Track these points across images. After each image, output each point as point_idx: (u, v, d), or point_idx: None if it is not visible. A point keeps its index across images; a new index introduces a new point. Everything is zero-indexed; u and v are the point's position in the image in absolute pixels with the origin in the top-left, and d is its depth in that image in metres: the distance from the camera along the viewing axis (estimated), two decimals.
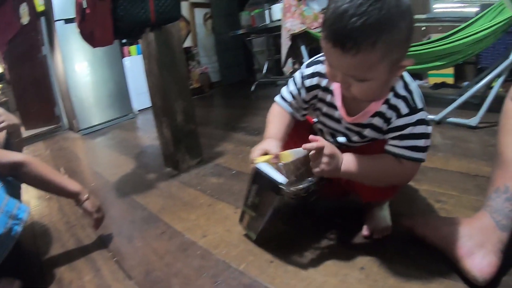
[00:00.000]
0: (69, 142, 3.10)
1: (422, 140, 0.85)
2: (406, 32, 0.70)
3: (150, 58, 1.73)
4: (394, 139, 0.87)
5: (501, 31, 1.97)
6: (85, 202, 1.20)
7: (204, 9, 5.12)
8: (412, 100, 0.84)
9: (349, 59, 0.70)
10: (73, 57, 3.23)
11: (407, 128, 0.84)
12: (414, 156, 0.86)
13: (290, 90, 1.04)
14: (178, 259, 1.09)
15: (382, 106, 0.87)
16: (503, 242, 0.81)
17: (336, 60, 0.74)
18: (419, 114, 0.84)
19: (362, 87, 0.76)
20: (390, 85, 0.84)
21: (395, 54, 0.71)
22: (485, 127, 1.96)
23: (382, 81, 0.76)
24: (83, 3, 1.41)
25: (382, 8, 0.65)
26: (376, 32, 0.66)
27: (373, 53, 0.68)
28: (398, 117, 0.85)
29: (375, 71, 0.72)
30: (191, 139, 1.89)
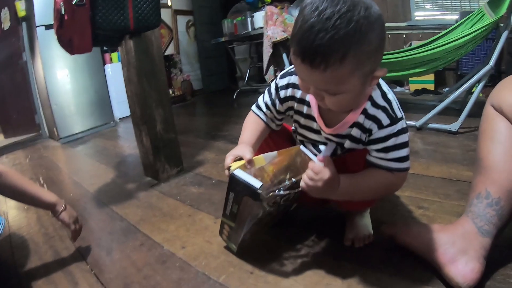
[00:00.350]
0: (49, 151, 3.03)
1: (405, 149, 0.85)
2: (377, 43, 0.68)
3: (129, 66, 1.70)
4: (379, 151, 0.86)
5: (481, 38, 2.01)
6: (62, 213, 1.16)
7: (186, 17, 5.11)
8: (392, 110, 0.83)
9: (318, 75, 0.68)
10: (53, 63, 3.18)
11: (390, 139, 0.83)
12: (402, 167, 0.86)
13: (265, 101, 1.04)
14: (157, 271, 1.07)
15: (360, 116, 0.85)
16: (486, 248, 0.81)
17: (306, 75, 0.73)
18: (400, 124, 0.83)
19: (335, 100, 0.75)
20: (366, 95, 0.82)
21: (367, 66, 0.70)
22: (466, 132, 1.99)
23: (355, 93, 0.74)
24: (61, 9, 1.39)
25: (351, 20, 0.63)
26: (344, 46, 0.64)
27: (342, 68, 0.66)
28: (379, 128, 0.84)
29: (347, 84, 0.71)
30: (171, 148, 1.86)
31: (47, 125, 3.56)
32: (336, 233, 1.08)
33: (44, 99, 3.33)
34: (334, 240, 1.07)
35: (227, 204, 0.99)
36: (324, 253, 1.03)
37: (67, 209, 1.18)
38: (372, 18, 0.65)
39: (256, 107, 1.07)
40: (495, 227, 0.81)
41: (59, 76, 3.26)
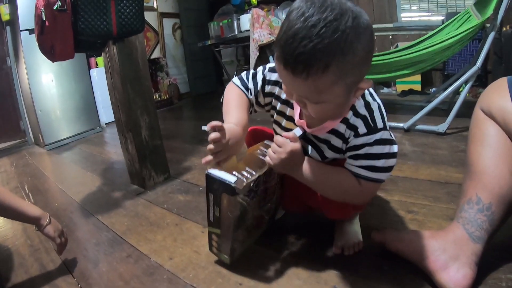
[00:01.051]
0: (35, 158, 2.97)
1: (380, 161, 0.82)
2: (363, 54, 0.66)
3: (113, 72, 1.67)
4: (351, 158, 0.85)
5: (467, 39, 2.02)
6: (47, 227, 1.13)
7: (173, 19, 5.07)
8: (371, 119, 0.82)
9: (300, 82, 0.67)
10: (38, 68, 3.13)
11: (363, 148, 0.82)
12: (370, 176, 0.83)
13: (250, 86, 1.00)
14: (145, 284, 1.04)
15: (341, 125, 0.84)
16: (477, 254, 0.80)
17: (288, 82, 0.71)
18: (378, 134, 0.81)
19: (317, 109, 0.73)
20: (349, 105, 0.80)
21: (351, 77, 0.68)
22: (454, 132, 1.99)
23: (338, 103, 0.73)
24: (42, 15, 1.35)
25: (337, 30, 0.61)
26: (328, 56, 0.62)
27: (324, 77, 0.65)
28: (355, 136, 0.83)
29: (329, 94, 0.69)
30: (157, 155, 1.84)
31: (32, 131, 3.50)
32: (326, 240, 1.07)
33: (29, 105, 3.27)
34: (323, 248, 1.06)
35: (209, 209, 0.97)
36: (313, 262, 1.01)
37: (52, 223, 1.15)
38: (359, 29, 0.64)
39: (240, 83, 1.02)
40: (486, 232, 0.80)
41: (44, 81, 3.20)
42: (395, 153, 0.84)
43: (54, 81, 3.28)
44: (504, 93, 0.85)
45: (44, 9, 1.34)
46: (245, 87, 1.00)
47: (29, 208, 1.12)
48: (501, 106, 0.85)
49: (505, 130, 0.84)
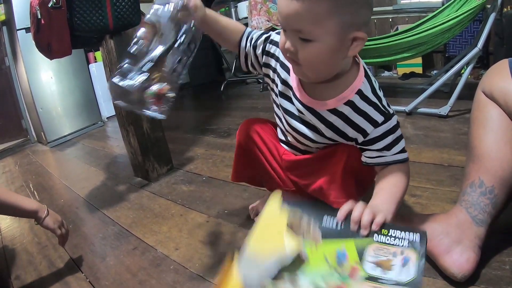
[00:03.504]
0: (38, 156, 2.99)
1: (402, 141, 0.85)
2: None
3: (111, 66, 1.67)
4: (381, 150, 0.84)
5: (468, 20, 1.99)
6: (45, 219, 1.13)
7: None
8: (383, 106, 0.82)
9: (294, 7, 0.67)
10: (37, 67, 3.12)
11: (388, 137, 0.82)
12: (405, 157, 0.86)
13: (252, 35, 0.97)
14: (152, 275, 1.06)
15: (344, 107, 0.82)
16: (480, 237, 0.80)
17: (285, 12, 0.70)
18: (393, 119, 0.83)
19: (308, 51, 0.72)
20: (342, 57, 0.76)
21: (346, 14, 0.67)
22: (456, 115, 1.98)
23: (329, 46, 0.71)
24: (37, 13, 1.35)
25: None
26: None
27: (321, 3, 0.65)
28: (375, 127, 0.82)
29: (322, 28, 0.68)
30: (160, 147, 1.84)
31: (35, 130, 3.51)
32: None
33: (30, 103, 3.28)
34: None
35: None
36: None
37: (50, 214, 1.15)
38: None
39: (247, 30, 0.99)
40: (489, 216, 0.80)
41: (43, 79, 3.20)
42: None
43: (53, 78, 3.27)
44: (505, 75, 0.84)
45: (39, 7, 1.33)
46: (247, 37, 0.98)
47: (25, 202, 1.13)
48: (502, 88, 0.84)
49: (507, 112, 0.84)
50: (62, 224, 1.18)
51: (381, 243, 0.62)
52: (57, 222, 1.16)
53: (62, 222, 1.18)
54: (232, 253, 0.68)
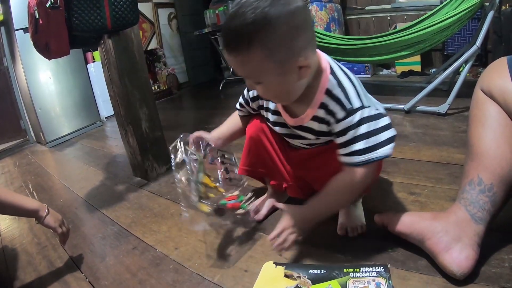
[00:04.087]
0: (37, 156, 2.99)
1: (371, 138, 0.82)
2: (286, 29, 0.72)
3: (109, 66, 1.66)
4: (340, 146, 0.87)
5: (466, 19, 1.99)
6: (46, 218, 1.13)
7: (168, 9, 5.02)
8: (347, 101, 0.83)
9: (235, 60, 0.77)
10: (35, 67, 3.11)
11: (348, 133, 0.83)
12: (364, 159, 0.83)
13: (240, 101, 1.14)
14: (151, 275, 1.06)
15: (319, 110, 0.88)
16: (480, 235, 0.80)
17: (232, 64, 0.79)
18: (358, 114, 0.82)
19: (263, 89, 0.82)
20: (299, 84, 0.83)
21: (279, 54, 0.74)
22: (455, 113, 1.99)
23: (277, 83, 0.79)
24: (35, 13, 1.34)
25: (256, 8, 0.69)
26: (249, 32, 0.70)
27: (252, 53, 0.73)
28: (336, 122, 0.85)
29: (263, 72, 0.77)
30: (158, 146, 1.84)
31: (33, 130, 3.50)
32: (329, 225, 1.07)
33: (28, 104, 3.27)
34: (327, 232, 1.06)
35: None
36: (317, 245, 1.02)
37: (51, 213, 1.15)
38: (279, 7, 0.70)
39: (238, 104, 1.17)
40: (488, 213, 0.80)
41: (42, 79, 3.20)
42: (386, 125, 0.84)
43: (52, 78, 3.27)
44: (504, 73, 0.84)
45: (37, 7, 1.33)
46: (240, 105, 1.16)
47: (26, 201, 1.13)
48: (501, 86, 0.84)
49: (505, 110, 0.84)
50: (63, 222, 1.18)
51: (356, 277, 0.82)
52: (57, 220, 1.16)
53: (62, 221, 1.18)
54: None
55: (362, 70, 3.57)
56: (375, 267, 0.83)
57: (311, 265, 0.90)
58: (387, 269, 0.82)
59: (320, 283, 0.83)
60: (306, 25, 0.77)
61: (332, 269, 0.86)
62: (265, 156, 1.16)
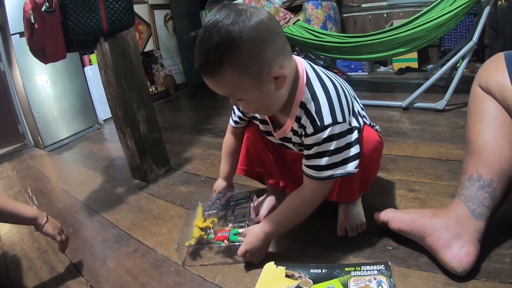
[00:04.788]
0: (36, 160, 2.98)
1: (336, 156, 0.86)
2: (252, 45, 0.74)
3: (106, 69, 1.66)
4: (305, 158, 0.91)
5: (463, 14, 2.00)
6: (45, 225, 1.12)
7: (164, 11, 5.01)
8: (319, 117, 0.84)
9: (211, 82, 0.79)
10: (32, 71, 3.10)
11: (313, 148, 0.87)
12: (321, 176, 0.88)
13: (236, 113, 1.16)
14: (153, 277, 1.05)
15: (295, 123, 0.91)
16: (480, 231, 0.80)
17: (210, 87, 0.82)
18: (327, 131, 0.84)
19: (245, 105, 0.85)
20: (277, 95, 0.84)
21: (251, 68, 0.76)
22: (453, 109, 1.99)
23: (256, 96, 0.81)
24: (30, 18, 1.34)
25: (220, 29, 0.72)
26: (217, 52, 0.73)
27: (225, 71, 0.75)
28: (305, 136, 0.88)
29: (240, 89, 0.79)
30: (157, 148, 1.84)
31: (31, 134, 3.49)
32: (329, 224, 1.08)
33: (26, 108, 3.26)
34: (327, 231, 1.07)
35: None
36: (317, 245, 1.02)
37: (50, 221, 1.15)
38: (241, 23, 0.73)
39: (231, 119, 1.21)
40: (488, 209, 0.80)
41: (39, 83, 3.19)
42: (352, 141, 0.87)
43: (49, 82, 3.26)
44: (501, 69, 0.85)
45: (32, 12, 1.33)
46: (234, 122, 1.19)
47: (25, 209, 1.12)
48: (499, 82, 0.84)
49: (503, 106, 0.84)
50: (62, 230, 1.18)
51: (357, 276, 0.82)
52: (56, 228, 1.15)
53: (61, 229, 1.18)
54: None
55: (359, 68, 3.58)
56: (376, 265, 0.83)
57: (312, 265, 0.90)
58: (388, 267, 0.82)
59: (321, 282, 0.83)
60: (273, 36, 0.78)
61: (333, 268, 0.86)
62: (262, 155, 1.18)
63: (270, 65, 0.77)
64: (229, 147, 1.26)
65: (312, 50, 2.71)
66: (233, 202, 1.26)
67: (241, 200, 1.26)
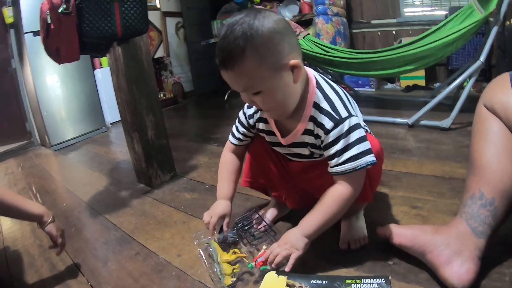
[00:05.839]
0: (41, 159, 3.00)
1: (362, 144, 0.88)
2: (271, 35, 0.80)
3: (118, 73, 1.69)
4: (333, 157, 0.90)
5: (471, 34, 2.01)
6: (49, 224, 1.13)
7: (176, 19, 5.07)
8: (335, 112, 0.89)
9: (232, 75, 0.83)
10: (43, 70, 3.15)
11: (339, 142, 0.88)
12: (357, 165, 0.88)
13: (240, 131, 1.16)
14: (154, 281, 1.06)
15: (309, 123, 0.93)
16: (480, 249, 0.81)
17: (229, 81, 0.86)
18: (347, 123, 0.87)
19: (263, 98, 0.86)
20: (294, 89, 0.88)
21: (271, 57, 0.81)
22: (458, 128, 1.99)
23: (275, 87, 0.84)
24: (47, 18, 1.37)
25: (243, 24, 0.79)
26: (240, 44, 0.78)
27: (246, 62, 0.80)
28: (326, 133, 0.89)
29: (260, 80, 0.82)
30: (163, 154, 1.85)
31: (38, 133, 3.52)
32: (331, 236, 1.08)
33: (34, 106, 3.30)
34: (329, 244, 1.07)
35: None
36: (319, 256, 1.03)
37: (55, 222, 1.15)
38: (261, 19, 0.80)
39: (232, 137, 1.19)
40: (489, 227, 0.81)
41: (49, 83, 3.23)
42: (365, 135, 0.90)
43: (59, 82, 3.30)
44: (506, 89, 0.86)
45: (49, 13, 1.35)
46: (237, 139, 1.17)
47: (32, 206, 1.13)
48: (503, 102, 0.85)
49: (507, 125, 0.85)
50: (63, 234, 1.19)
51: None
52: (59, 230, 1.16)
53: (63, 232, 1.19)
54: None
55: (367, 84, 3.59)
56: (376, 278, 0.84)
57: (313, 276, 0.90)
58: (388, 280, 0.82)
59: None
60: (288, 32, 0.85)
61: (334, 280, 0.86)
62: (265, 167, 1.20)
63: (288, 56, 0.83)
64: (231, 166, 1.20)
65: (321, 64, 2.73)
66: (245, 225, 1.21)
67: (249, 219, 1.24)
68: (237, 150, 1.21)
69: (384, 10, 3.66)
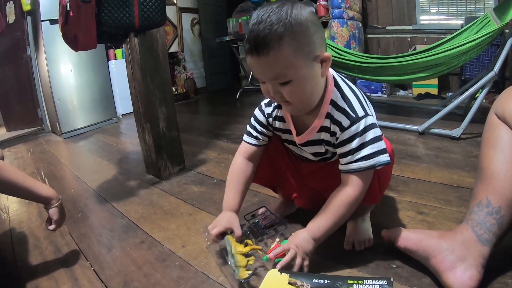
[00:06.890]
0: (51, 145, 3.04)
1: (376, 144, 0.88)
2: (309, 24, 0.80)
3: (133, 63, 1.71)
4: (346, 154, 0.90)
5: (486, 44, 2.00)
6: (54, 207, 1.13)
7: (192, 14, 5.10)
8: (352, 110, 0.89)
9: (264, 62, 0.80)
10: (57, 58, 3.19)
11: (355, 140, 0.88)
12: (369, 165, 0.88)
13: (258, 129, 1.11)
14: (157, 269, 1.07)
15: (326, 120, 0.93)
16: (485, 257, 0.81)
17: (258, 69, 0.83)
18: (363, 122, 0.87)
19: (290, 90, 0.83)
20: (320, 81, 0.89)
21: (306, 46, 0.80)
22: (468, 138, 1.98)
23: (305, 78, 0.84)
24: (66, 5, 1.39)
25: (280, 11, 0.78)
26: (280, 29, 0.76)
27: (282, 49, 0.78)
28: (341, 130, 0.90)
29: (293, 67, 0.81)
30: (174, 147, 1.87)
31: (50, 120, 3.56)
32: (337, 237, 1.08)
33: (47, 94, 3.34)
34: (334, 245, 1.07)
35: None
36: (324, 257, 1.03)
37: (60, 207, 1.15)
38: (298, 9, 0.80)
39: (248, 137, 1.14)
40: (494, 236, 0.81)
41: (63, 71, 3.27)
42: (380, 135, 0.90)
43: (73, 71, 3.34)
44: None
45: (69, 0, 1.37)
46: (255, 138, 1.12)
47: (42, 188, 1.13)
48: None
49: None
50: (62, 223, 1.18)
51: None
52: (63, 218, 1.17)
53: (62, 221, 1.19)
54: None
55: (379, 89, 3.58)
56: (378, 280, 0.84)
57: (315, 275, 0.90)
58: (391, 282, 0.82)
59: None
60: (320, 25, 0.85)
61: (336, 280, 0.87)
62: (277, 165, 1.19)
63: (320, 49, 0.84)
64: (241, 176, 1.13)
65: (334, 67, 2.72)
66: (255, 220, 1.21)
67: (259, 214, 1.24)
68: (252, 153, 1.13)
69: (400, 16, 3.65)
